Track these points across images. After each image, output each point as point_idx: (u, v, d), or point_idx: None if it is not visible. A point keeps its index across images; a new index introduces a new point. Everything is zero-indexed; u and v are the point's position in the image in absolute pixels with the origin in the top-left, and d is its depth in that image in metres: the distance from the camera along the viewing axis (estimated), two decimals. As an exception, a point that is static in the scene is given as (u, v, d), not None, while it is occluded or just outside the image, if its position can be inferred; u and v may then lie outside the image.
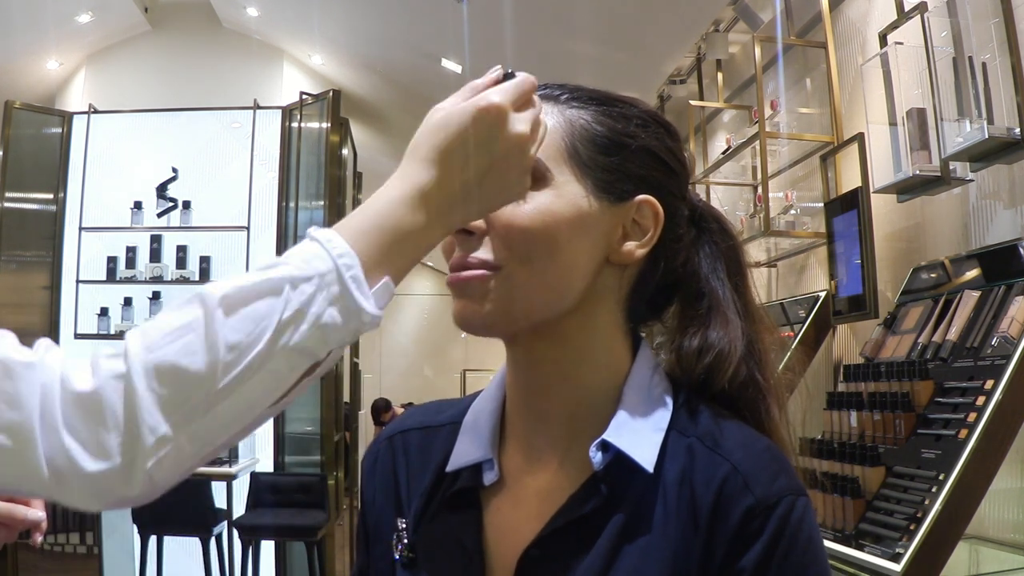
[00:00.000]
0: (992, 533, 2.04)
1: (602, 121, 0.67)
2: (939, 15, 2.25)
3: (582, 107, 0.68)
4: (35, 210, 4.85)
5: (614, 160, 0.67)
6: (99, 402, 0.51)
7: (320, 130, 4.72)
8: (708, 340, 0.69)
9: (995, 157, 2.14)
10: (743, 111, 4.04)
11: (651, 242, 0.68)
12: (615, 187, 0.66)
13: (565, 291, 0.65)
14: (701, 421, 0.66)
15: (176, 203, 4.80)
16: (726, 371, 0.68)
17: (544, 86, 0.70)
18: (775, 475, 0.62)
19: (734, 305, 0.71)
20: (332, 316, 0.56)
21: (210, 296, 0.53)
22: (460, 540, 0.68)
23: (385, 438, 0.79)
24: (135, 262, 4.78)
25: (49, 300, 4.76)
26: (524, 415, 0.71)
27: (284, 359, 0.54)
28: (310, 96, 4.78)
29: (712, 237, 0.73)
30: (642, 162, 0.68)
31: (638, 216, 0.67)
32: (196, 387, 0.52)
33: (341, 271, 0.56)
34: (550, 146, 0.65)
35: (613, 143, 0.67)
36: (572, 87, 0.70)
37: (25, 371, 0.52)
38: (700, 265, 0.72)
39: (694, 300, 0.71)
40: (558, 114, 0.67)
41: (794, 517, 0.60)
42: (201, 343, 0.53)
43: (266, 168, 4.82)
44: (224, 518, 4.00)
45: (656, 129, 0.70)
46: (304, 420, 4.60)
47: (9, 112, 4.69)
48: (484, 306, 0.64)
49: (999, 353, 1.74)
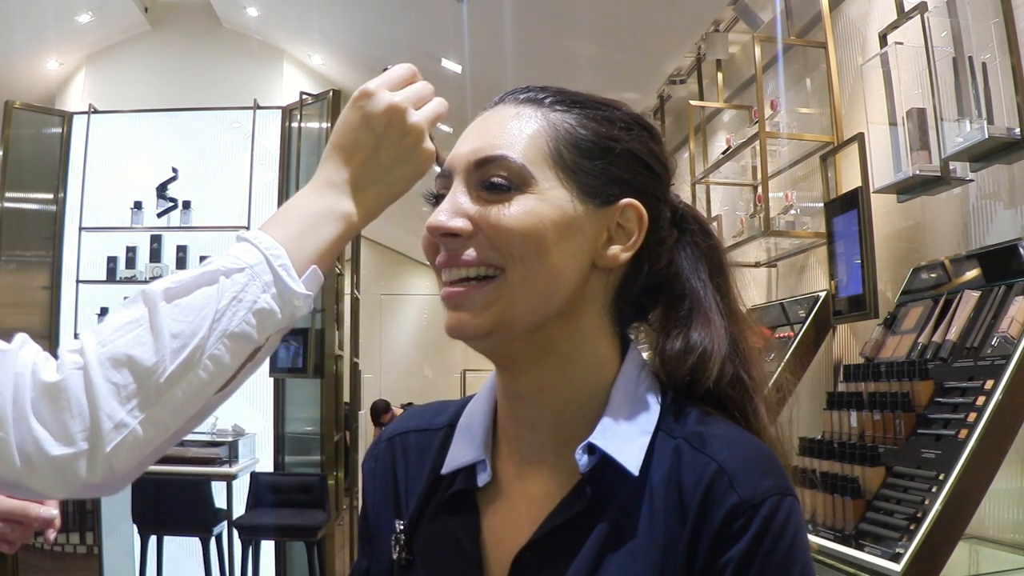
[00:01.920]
0: (992, 533, 2.04)
1: (586, 125, 0.67)
2: (939, 15, 2.25)
3: (566, 111, 0.68)
4: (35, 210, 4.85)
5: (598, 164, 0.67)
6: (64, 391, 0.56)
7: (320, 130, 4.73)
8: (691, 341, 0.69)
9: (995, 157, 2.13)
10: (743, 111, 4.04)
11: (635, 245, 0.68)
12: (600, 191, 0.67)
13: (554, 295, 0.65)
14: (688, 422, 0.67)
15: (176, 203, 4.80)
16: (710, 371, 0.68)
17: (527, 89, 0.70)
18: (762, 475, 0.62)
19: (716, 305, 0.71)
20: (267, 302, 0.61)
21: (153, 292, 0.59)
22: (458, 542, 0.69)
23: (385, 439, 0.79)
24: (135, 262, 4.78)
25: (49, 300, 4.76)
26: (514, 421, 0.71)
27: (225, 345, 0.59)
28: (310, 96, 4.78)
29: (693, 238, 0.74)
30: (626, 166, 0.68)
31: (622, 220, 0.68)
32: (147, 375, 0.57)
33: (270, 260, 0.62)
34: (534, 150, 0.65)
35: (597, 147, 0.67)
36: (555, 90, 0.70)
37: (0, 359, 0.56)
38: (682, 266, 0.72)
39: (676, 301, 0.72)
40: (541, 118, 0.67)
41: (779, 517, 0.60)
42: (148, 334, 0.57)
43: (266, 168, 4.82)
44: (224, 518, 4.00)
45: (639, 132, 0.69)
46: (304, 420, 4.60)
47: (9, 112, 4.69)
48: (480, 316, 0.65)
49: (999, 353, 1.74)
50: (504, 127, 0.67)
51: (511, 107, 0.69)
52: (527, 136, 0.66)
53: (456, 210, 0.65)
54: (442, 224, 0.65)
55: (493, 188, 0.65)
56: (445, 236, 0.65)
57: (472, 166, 0.66)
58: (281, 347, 4.39)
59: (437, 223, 0.65)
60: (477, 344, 0.68)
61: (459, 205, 0.66)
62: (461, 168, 0.67)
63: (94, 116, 4.92)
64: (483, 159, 0.65)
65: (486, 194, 0.65)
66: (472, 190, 0.66)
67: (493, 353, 0.70)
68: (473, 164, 0.66)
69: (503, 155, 0.65)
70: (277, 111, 4.91)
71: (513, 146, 0.65)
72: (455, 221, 0.65)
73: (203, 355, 0.58)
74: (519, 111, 0.68)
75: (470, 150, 0.67)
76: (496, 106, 0.70)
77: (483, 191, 0.65)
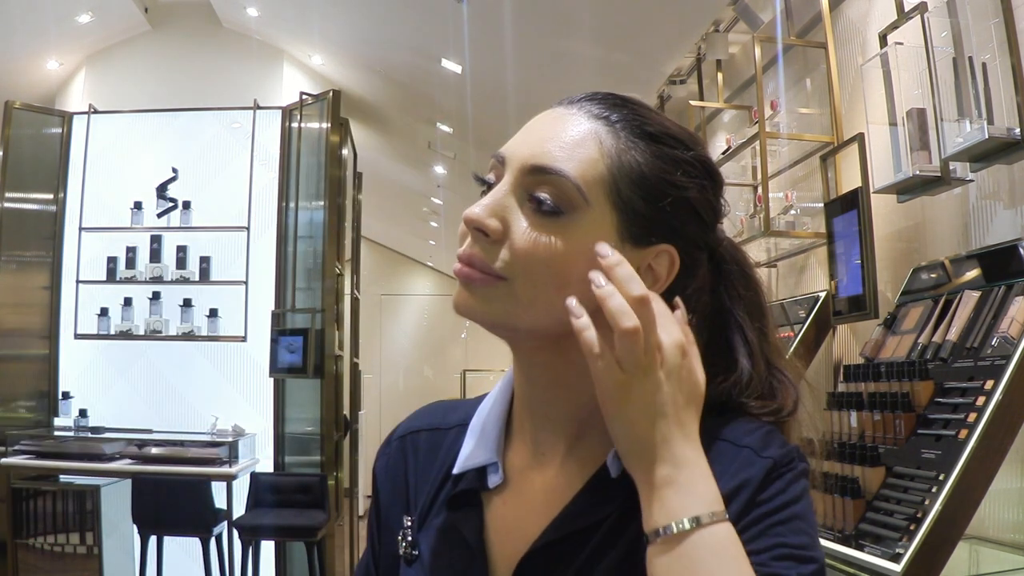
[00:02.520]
0: (992, 533, 2.04)
1: (651, 163, 0.65)
2: (939, 15, 2.25)
3: (634, 141, 0.65)
4: (35, 210, 4.85)
5: (652, 208, 0.65)
6: None
7: (320, 130, 4.72)
8: (731, 384, 0.69)
9: (995, 157, 2.13)
10: (743, 111, 4.04)
11: (659, 291, 0.67)
12: (642, 233, 0.65)
13: (566, 319, 0.64)
14: (709, 420, 0.66)
15: (176, 203, 4.80)
16: (750, 406, 0.69)
17: (603, 100, 0.67)
18: (783, 444, 0.65)
19: (758, 347, 0.71)
20: None
21: None
22: (463, 537, 0.69)
23: (396, 438, 0.80)
24: (135, 262, 4.78)
25: (49, 300, 4.76)
26: (531, 414, 0.71)
27: None
28: (310, 96, 4.78)
29: (731, 280, 0.73)
30: (678, 214, 0.66)
31: (654, 263, 0.66)
32: None
33: None
34: (593, 174, 0.63)
35: (656, 191, 0.65)
36: (632, 110, 0.67)
37: None
38: (717, 308, 0.72)
39: (712, 342, 0.71)
40: (611, 141, 0.65)
41: (800, 470, 0.64)
42: None
43: (266, 168, 4.82)
44: (224, 518, 4.00)
45: (702, 180, 0.68)
46: (304, 420, 4.60)
47: (9, 112, 4.69)
48: (485, 306, 0.64)
49: (999, 353, 1.74)
50: (570, 138, 0.64)
51: (582, 117, 0.66)
52: (589, 157, 0.64)
53: (496, 210, 0.64)
54: (477, 218, 0.63)
55: (540, 209, 0.63)
56: (475, 230, 0.64)
57: (527, 169, 0.64)
58: (281, 347, 4.39)
59: (474, 216, 0.64)
60: (488, 330, 0.67)
61: (501, 205, 0.64)
62: (515, 166, 0.65)
63: (94, 116, 4.92)
64: (539, 167, 0.64)
65: (531, 208, 0.63)
66: (520, 194, 0.64)
67: (513, 347, 0.70)
68: (528, 168, 0.64)
69: (560, 170, 0.63)
70: (277, 111, 4.90)
71: (572, 163, 0.63)
72: (491, 220, 0.63)
73: None
74: (589, 125, 0.65)
75: (530, 152, 0.65)
76: (568, 107, 0.67)
77: (531, 203, 0.64)
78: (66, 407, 4.63)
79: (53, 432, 4.48)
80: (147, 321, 4.71)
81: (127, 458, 4.15)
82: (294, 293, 4.62)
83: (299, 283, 4.64)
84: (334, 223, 4.55)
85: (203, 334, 4.70)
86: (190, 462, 4.07)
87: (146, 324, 4.71)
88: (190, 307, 4.72)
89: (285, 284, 4.67)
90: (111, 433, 4.43)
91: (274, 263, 4.72)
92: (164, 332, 4.71)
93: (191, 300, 4.73)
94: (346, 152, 4.97)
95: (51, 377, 4.71)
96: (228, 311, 4.67)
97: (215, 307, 4.68)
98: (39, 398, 4.73)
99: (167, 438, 4.37)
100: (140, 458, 4.14)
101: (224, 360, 4.77)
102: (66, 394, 4.67)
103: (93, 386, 4.74)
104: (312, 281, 4.63)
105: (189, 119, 4.94)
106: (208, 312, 4.68)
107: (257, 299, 4.67)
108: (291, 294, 4.63)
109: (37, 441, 4.27)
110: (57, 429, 4.52)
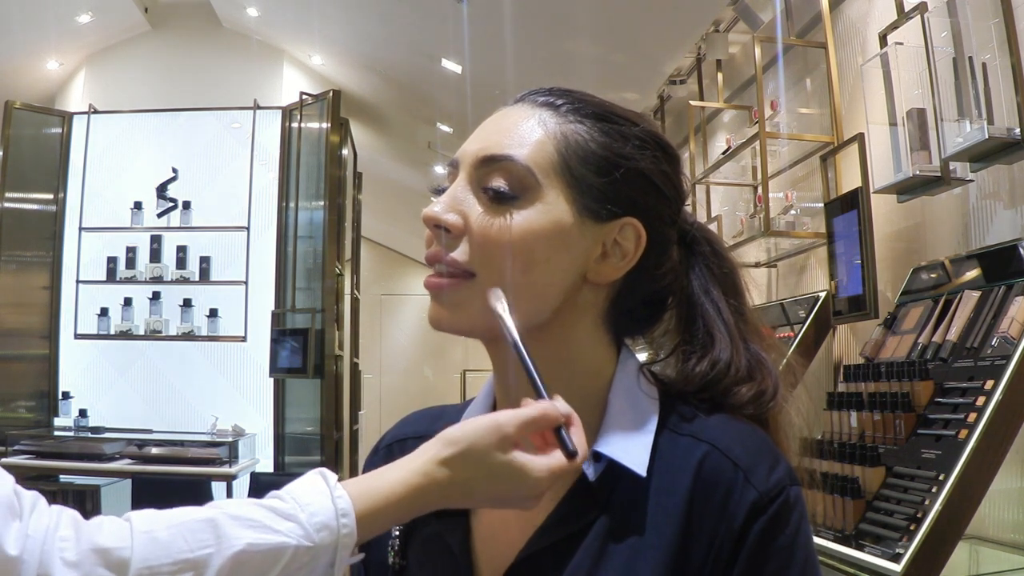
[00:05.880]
0: (992, 533, 2.04)
1: (598, 140, 0.66)
2: (939, 15, 2.25)
3: (580, 120, 0.67)
4: (35, 210, 4.85)
5: (605, 181, 0.66)
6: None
7: (320, 130, 4.73)
8: (709, 365, 0.69)
9: (995, 157, 2.13)
10: (743, 111, 4.04)
11: (628, 265, 0.67)
12: (601, 208, 0.66)
13: (539, 305, 0.65)
14: (694, 419, 0.67)
15: (176, 203, 4.80)
16: (733, 392, 0.68)
17: (547, 92, 0.69)
18: (772, 467, 0.63)
19: (734, 325, 0.71)
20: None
21: (227, 549, 0.58)
22: (447, 545, 0.69)
23: (384, 446, 0.80)
24: (135, 262, 4.78)
25: (49, 300, 4.76)
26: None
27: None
28: (310, 96, 4.78)
29: (705, 261, 0.73)
30: (634, 185, 0.67)
31: (620, 237, 0.67)
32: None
33: (338, 550, 0.58)
34: (542, 156, 0.65)
35: (607, 163, 0.66)
36: (576, 97, 0.69)
37: (9, 567, 0.53)
38: (692, 289, 0.72)
39: (689, 324, 0.71)
40: (555, 124, 0.66)
41: (790, 500, 0.62)
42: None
43: (266, 168, 4.82)
44: (224, 518, 3.99)
45: (654, 152, 0.68)
46: (304, 420, 4.60)
47: (9, 112, 4.69)
48: (457, 313, 0.65)
49: (999, 353, 1.74)
50: (516, 127, 0.66)
51: (527, 108, 0.68)
52: (536, 140, 0.65)
53: (453, 205, 0.65)
54: (436, 215, 0.65)
55: (496, 196, 0.64)
56: (436, 228, 0.65)
57: (478, 162, 0.66)
58: (281, 347, 4.39)
59: (432, 213, 0.65)
60: (462, 335, 0.68)
61: (457, 200, 0.66)
62: (467, 163, 0.67)
63: (94, 116, 4.92)
64: (488, 157, 0.65)
65: (487, 198, 0.65)
66: (475, 187, 0.66)
67: (489, 347, 0.70)
68: (479, 160, 0.66)
69: (509, 155, 0.64)
70: (277, 111, 4.91)
71: (521, 148, 0.65)
72: (448, 215, 0.65)
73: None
74: (534, 113, 0.67)
75: (478, 147, 0.66)
76: (514, 105, 0.69)
77: (485, 193, 0.65)
78: (66, 407, 4.63)
79: (53, 432, 4.49)
80: (147, 321, 4.71)
81: (127, 458, 4.15)
82: (294, 293, 4.62)
83: (299, 283, 4.64)
84: (334, 223, 4.56)
85: (203, 334, 4.70)
86: (190, 462, 4.07)
87: (146, 324, 4.71)
88: (190, 307, 4.72)
89: (285, 284, 4.67)
90: (111, 433, 4.43)
91: (274, 263, 4.72)
92: (164, 332, 4.71)
93: (191, 300, 4.73)
94: (346, 152, 4.97)
95: (51, 377, 4.72)
96: (228, 311, 4.67)
97: (215, 307, 4.68)
98: (39, 398, 4.73)
99: (167, 438, 4.37)
100: (140, 458, 4.14)
101: (224, 360, 4.77)
102: (66, 394, 4.67)
103: (93, 386, 4.74)
104: (312, 281, 4.63)
105: (189, 119, 4.95)
106: (208, 312, 4.68)
107: (257, 299, 4.67)
108: (291, 294, 4.63)
109: (37, 441, 4.27)
110: (57, 429, 4.52)
